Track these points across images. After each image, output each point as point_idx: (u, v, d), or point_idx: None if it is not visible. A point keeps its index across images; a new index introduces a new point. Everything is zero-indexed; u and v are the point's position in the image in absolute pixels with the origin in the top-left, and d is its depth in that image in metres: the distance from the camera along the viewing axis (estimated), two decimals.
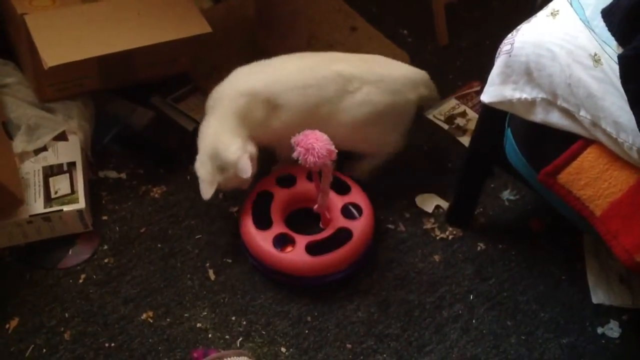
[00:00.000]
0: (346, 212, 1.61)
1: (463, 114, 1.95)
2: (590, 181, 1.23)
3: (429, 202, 1.75)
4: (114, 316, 1.51)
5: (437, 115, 1.95)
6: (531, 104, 1.26)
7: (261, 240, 1.53)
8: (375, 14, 2.20)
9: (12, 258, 1.60)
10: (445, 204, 1.74)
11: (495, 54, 1.35)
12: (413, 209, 1.74)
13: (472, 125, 1.91)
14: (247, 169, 1.49)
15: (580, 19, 1.22)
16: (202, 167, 1.52)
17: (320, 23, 2.12)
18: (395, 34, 2.15)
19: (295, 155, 1.44)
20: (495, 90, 1.30)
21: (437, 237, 1.69)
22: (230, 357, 1.29)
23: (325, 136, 1.46)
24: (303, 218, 1.65)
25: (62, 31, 1.59)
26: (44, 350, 1.45)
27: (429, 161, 1.84)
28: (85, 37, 1.60)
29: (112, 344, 1.47)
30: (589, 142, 1.24)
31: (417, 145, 1.87)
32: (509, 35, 1.30)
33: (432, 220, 1.72)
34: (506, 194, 1.76)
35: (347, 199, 1.63)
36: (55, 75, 1.64)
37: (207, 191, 1.50)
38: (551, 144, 1.29)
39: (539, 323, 1.54)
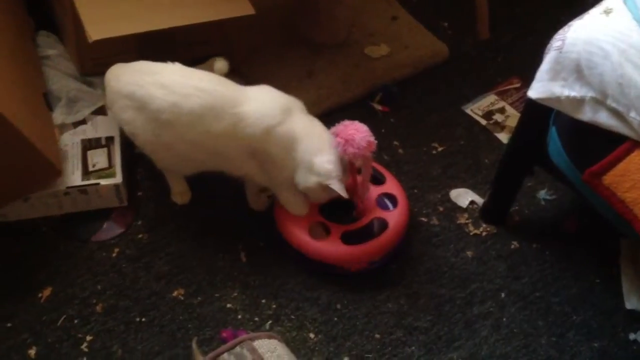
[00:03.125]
0: (381, 202, 1.60)
1: (502, 110, 1.93)
2: (636, 184, 1.21)
3: (464, 197, 1.74)
4: (146, 291, 1.52)
5: (475, 110, 1.93)
6: (580, 102, 1.24)
7: (297, 228, 1.53)
8: (416, 5, 2.19)
9: (48, 228, 1.61)
10: (480, 200, 1.72)
11: (536, 50, 1.33)
12: (447, 203, 1.73)
13: (510, 122, 1.89)
14: None
15: (634, 18, 1.20)
16: (336, 166, 1.43)
17: (361, 11, 2.11)
18: (436, 25, 2.13)
19: (334, 145, 1.43)
20: (543, 87, 1.28)
21: (471, 233, 1.67)
22: (261, 339, 1.29)
23: (365, 127, 1.45)
24: (336, 206, 1.64)
25: (107, 6, 1.59)
26: (76, 321, 1.47)
27: (465, 156, 1.83)
28: (129, 13, 1.59)
29: (143, 319, 1.48)
30: (637, 144, 1.22)
31: (454, 139, 1.86)
32: (560, 31, 1.28)
33: (466, 215, 1.70)
34: (543, 194, 1.74)
35: (382, 189, 1.62)
36: (97, 50, 1.64)
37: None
38: (597, 144, 1.27)
39: (571, 325, 1.53)
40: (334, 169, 1.42)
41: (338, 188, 1.42)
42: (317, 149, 1.43)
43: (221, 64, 1.63)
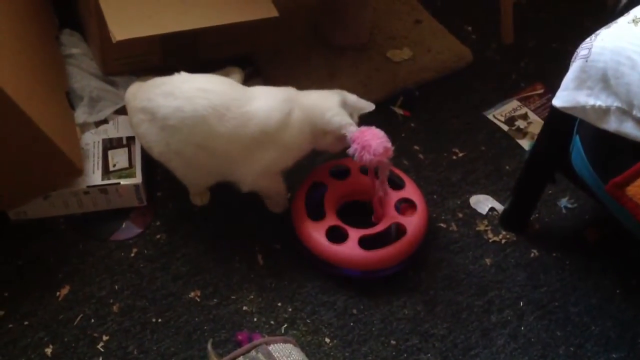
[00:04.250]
0: (400, 208, 1.59)
1: (524, 116, 1.91)
2: None
3: (484, 204, 1.72)
4: (163, 292, 1.52)
5: (497, 115, 1.91)
6: (605, 112, 1.22)
7: (314, 232, 1.53)
8: (440, 8, 2.17)
9: (67, 227, 1.62)
10: (500, 207, 1.71)
11: (561, 56, 1.32)
12: (466, 209, 1.72)
13: (533, 129, 1.87)
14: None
15: None
16: (340, 115, 1.49)
17: (384, 14, 2.10)
18: (460, 29, 2.12)
19: (350, 151, 1.43)
20: (568, 95, 1.27)
21: (490, 240, 1.66)
22: (276, 343, 1.29)
23: (382, 133, 1.45)
24: (354, 211, 1.64)
25: (131, 6, 1.60)
26: (92, 320, 1.48)
27: (486, 162, 1.81)
28: (153, 14, 1.60)
29: (159, 320, 1.48)
30: None
31: (475, 145, 1.84)
32: (587, 40, 1.25)
33: (486, 222, 1.69)
34: (564, 202, 1.72)
35: (401, 194, 1.61)
36: (121, 50, 1.65)
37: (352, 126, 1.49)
38: (622, 155, 1.25)
39: (589, 336, 1.51)
40: (342, 119, 1.47)
41: (353, 130, 1.47)
42: (322, 110, 1.49)
43: (238, 76, 1.66)
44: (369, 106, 1.54)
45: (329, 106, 1.49)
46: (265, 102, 1.47)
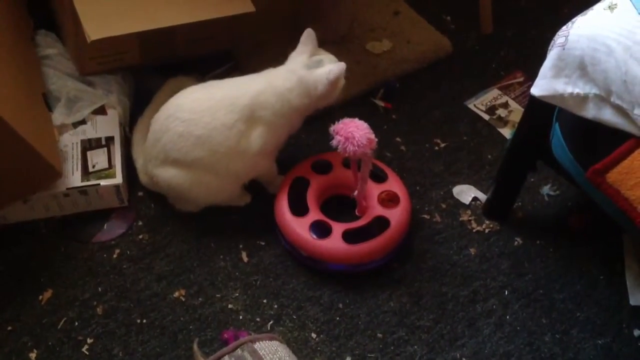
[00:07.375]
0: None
1: (505, 105, 1.91)
2: None
3: (466, 194, 1.72)
4: (147, 293, 1.51)
5: (478, 105, 1.91)
6: (583, 99, 1.23)
7: (298, 227, 1.52)
8: None
9: (48, 230, 1.61)
10: (483, 196, 1.71)
11: (540, 44, 1.32)
12: (449, 199, 1.72)
13: (514, 117, 1.87)
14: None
15: (639, 14, 1.18)
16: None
17: (363, 6, 2.09)
18: (439, 20, 2.11)
19: (334, 143, 1.43)
20: (546, 84, 1.27)
21: (474, 230, 1.66)
22: (262, 340, 1.28)
23: (365, 124, 1.45)
24: (337, 205, 1.64)
25: (106, 5, 1.58)
26: (76, 323, 1.46)
27: (468, 151, 1.81)
28: (128, 12, 1.58)
29: (144, 321, 1.47)
30: None
31: (457, 135, 1.84)
32: (564, 28, 1.26)
33: (469, 212, 1.69)
34: (546, 189, 1.73)
35: (384, 187, 1.61)
36: (97, 49, 1.63)
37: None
38: (601, 142, 1.25)
39: (575, 322, 1.52)
40: (326, 69, 1.50)
41: (338, 68, 1.49)
42: (297, 94, 1.52)
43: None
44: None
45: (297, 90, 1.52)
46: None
